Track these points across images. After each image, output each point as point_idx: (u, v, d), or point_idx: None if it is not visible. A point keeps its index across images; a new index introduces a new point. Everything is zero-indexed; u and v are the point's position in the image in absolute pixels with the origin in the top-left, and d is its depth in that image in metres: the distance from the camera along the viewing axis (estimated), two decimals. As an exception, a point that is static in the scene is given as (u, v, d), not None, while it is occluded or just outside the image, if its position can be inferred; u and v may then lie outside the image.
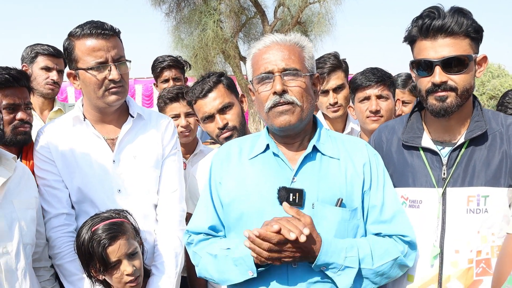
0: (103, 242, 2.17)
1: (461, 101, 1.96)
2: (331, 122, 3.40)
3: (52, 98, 3.70)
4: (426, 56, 1.94)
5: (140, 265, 2.28)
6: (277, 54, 1.93)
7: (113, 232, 2.19)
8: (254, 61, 2.00)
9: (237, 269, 1.90)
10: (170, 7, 18.38)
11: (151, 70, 4.38)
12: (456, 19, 1.89)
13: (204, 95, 2.67)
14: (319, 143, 2.00)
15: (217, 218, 2.10)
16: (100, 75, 2.36)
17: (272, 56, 1.93)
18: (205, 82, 2.69)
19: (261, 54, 1.97)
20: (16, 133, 2.48)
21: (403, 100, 3.71)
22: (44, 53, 3.56)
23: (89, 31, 2.34)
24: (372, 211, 1.99)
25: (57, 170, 2.47)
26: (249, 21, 19.15)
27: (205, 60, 17.68)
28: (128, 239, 2.23)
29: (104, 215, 2.29)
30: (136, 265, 2.24)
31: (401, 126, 2.20)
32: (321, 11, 18.18)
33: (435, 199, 2.01)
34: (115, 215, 2.30)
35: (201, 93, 2.68)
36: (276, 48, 1.95)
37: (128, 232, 2.25)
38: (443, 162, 2.03)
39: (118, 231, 2.21)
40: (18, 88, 2.47)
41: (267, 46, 1.97)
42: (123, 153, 2.50)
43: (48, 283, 2.42)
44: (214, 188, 2.12)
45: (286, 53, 1.93)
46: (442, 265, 1.98)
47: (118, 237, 2.20)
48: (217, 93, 2.67)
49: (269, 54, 1.94)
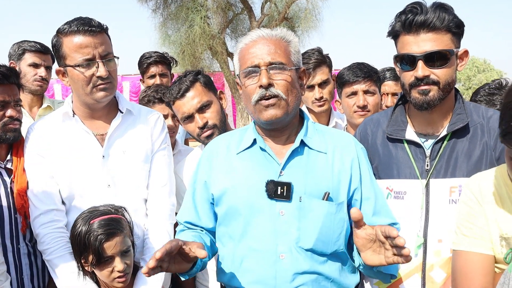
0: (101, 237, 2.19)
1: (443, 95, 2.01)
2: (316, 116, 3.44)
3: (41, 94, 3.71)
4: (409, 51, 1.99)
5: (131, 263, 2.31)
6: (263, 49, 1.95)
7: (111, 229, 2.22)
8: (241, 55, 2.02)
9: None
10: (157, 4, 18.25)
11: (137, 66, 4.39)
12: (438, 14, 1.94)
13: (182, 95, 2.66)
14: (307, 137, 2.03)
15: (195, 213, 2.16)
16: (87, 72, 2.37)
17: (259, 50, 1.96)
18: (182, 82, 2.68)
19: (248, 48, 1.99)
20: (6, 130, 2.48)
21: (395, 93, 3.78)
22: (32, 49, 3.57)
23: (76, 28, 2.35)
24: (367, 203, 2.02)
25: (47, 166, 2.48)
26: (236, 17, 19.11)
27: (193, 57, 17.60)
28: (124, 237, 2.26)
29: (102, 209, 2.31)
30: (127, 262, 2.27)
31: (385, 119, 2.25)
32: (308, 7, 18.22)
33: (419, 190, 2.07)
34: (114, 211, 2.32)
35: (179, 93, 2.67)
36: (263, 43, 1.97)
37: (125, 230, 2.28)
38: (427, 154, 2.08)
39: (116, 228, 2.24)
40: (7, 85, 2.47)
41: (253, 40, 1.99)
42: (112, 148, 2.51)
43: None
44: (199, 185, 2.15)
45: (272, 48, 1.96)
46: (425, 254, 2.04)
47: (116, 234, 2.22)
48: (195, 92, 2.66)
49: (256, 48, 1.97)
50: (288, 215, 1.94)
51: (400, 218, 2.07)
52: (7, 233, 2.44)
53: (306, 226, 1.93)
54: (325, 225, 1.94)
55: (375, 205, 2.03)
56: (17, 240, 2.49)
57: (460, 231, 1.85)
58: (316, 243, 1.92)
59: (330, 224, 1.95)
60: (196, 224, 2.16)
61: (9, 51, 3.64)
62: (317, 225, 1.93)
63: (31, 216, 2.45)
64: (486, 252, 1.76)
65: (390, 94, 3.80)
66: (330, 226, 1.95)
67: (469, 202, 1.84)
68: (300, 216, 1.93)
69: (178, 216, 2.25)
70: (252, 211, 1.96)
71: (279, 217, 1.94)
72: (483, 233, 1.77)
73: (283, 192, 1.92)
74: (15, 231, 2.48)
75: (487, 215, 1.77)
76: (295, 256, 1.92)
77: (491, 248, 1.76)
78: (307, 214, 1.93)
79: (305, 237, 1.92)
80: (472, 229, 1.80)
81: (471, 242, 1.80)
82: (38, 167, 2.49)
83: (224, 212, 2.05)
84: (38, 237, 2.43)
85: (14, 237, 2.48)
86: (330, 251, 1.95)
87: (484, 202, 1.79)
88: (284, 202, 1.93)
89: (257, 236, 1.96)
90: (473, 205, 1.82)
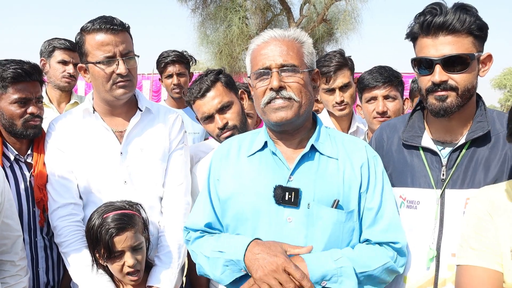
0: (111, 231, 2.22)
1: (462, 101, 1.90)
2: (337, 120, 3.37)
3: (69, 91, 3.80)
4: (426, 54, 1.90)
5: (142, 260, 2.33)
6: (275, 50, 1.90)
7: (122, 223, 2.24)
8: (253, 56, 1.98)
9: (229, 270, 1.89)
10: (196, 3, 18.50)
11: (156, 66, 4.39)
12: (458, 16, 1.83)
13: (202, 95, 2.63)
14: (318, 142, 1.97)
15: (214, 215, 2.09)
16: (108, 69, 2.41)
17: (270, 51, 1.91)
18: (203, 81, 2.64)
19: (260, 49, 1.94)
20: (27, 126, 2.54)
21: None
22: (61, 47, 3.66)
23: (98, 26, 2.40)
24: (368, 213, 1.95)
25: (66, 160, 2.53)
26: (274, 18, 19.10)
27: (230, 57, 17.72)
28: (135, 233, 2.28)
29: (117, 204, 2.34)
30: (138, 259, 2.29)
31: (402, 125, 2.16)
32: (347, 9, 18.00)
33: (433, 201, 1.97)
34: (128, 207, 2.34)
35: (199, 93, 2.63)
36: (274, 44, 1.92)
37: (137, 226, 2.30)
38: (443, 162, 1.98)
39: (127, 223, 2.26)
40: (30, 82, 2.53)
41: (265, 41, 1.94)
42: (130, 145, 2.54)
43: (11, 279, 2.27)
44: (213, 185, 2.11)
45: (284, 49, 1.90)
46: (438, 268, 1.93)
47: (126, 229, 2.25)
48: (216, 92, 2.62)
49: (267, 49, 1.92)
50: (296, 222, 1.88)
51: (412, 228, 1.99)
52: (25, 226, 2.51)
53: (314, 234, 1.87)
54: (334, 233, 1.88)
55: (375, 217, 1.94)
56: (34, 233, 2.55)
57: (468, 244, 1.75)
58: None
59: (339, 233, 1.89)
60: (215, 227, 2.09)
61: (40, 48, 3.75)
62: (325, 233, 1.87)
63: (50, 209, 2.51)
64: (495, 268, 1.66)
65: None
66: (339, 235, 1.89)
67: (478, 213, 1.74)
68: (308, 223, 1.87)
69: (192, 222, 2.14)
70: (258, 216, 1.91)
71: (286, 224, 1.89)
72: (493, 246, 1.67)
73: (291, 198, 1.86)
74: (33, 224, 2.54)
75: (498, 228, 1.67)
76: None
77: (500, 264, 1.66)
78: (316, 221, 1.87)
79: (312, 245, 1.86)
80: (481, 240, 1.70)
81: (479, 256, 1.69)
82: (58, 162, 2.55)
83: (231, 216, 2.01)
84: (55, 230, 2.48)
85: (32, 230, 2.54)
86: None
87: (495, 214, 1.69)
88: (292, 209, 1.88)
89: None
90: (483, 217, 1.72)
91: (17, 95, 2.48)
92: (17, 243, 2.29)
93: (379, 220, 1.95)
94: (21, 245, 2.33)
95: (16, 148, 2.58)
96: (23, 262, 2.34)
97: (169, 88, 4.33)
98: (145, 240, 2.37)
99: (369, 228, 1.94)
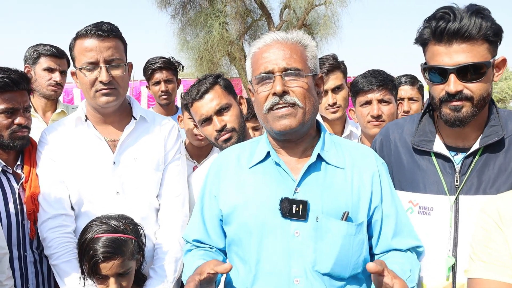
0: (97, 257, 2.11)
1: (477, 111, 1.81)
2: (330, 124, 3.33)
3: (55, 99, 3.67)
4: (440, 63, 1.78)
5: (128, 285, 2.22)
6: (278, 53, 1.81)
7: (110, 252, 2.12)
8: (254, 60, 1.88)
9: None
10: (175, 9, 18.39)
11: (142, 72, 4.30)
12: (474, 22, 1.71)
13: (201, 97, 2.56)
14: (324, 151, 1.87)
15: (204, 231, 2.03)
16: (90, 75, 2.36)
17: (273, 55, 1.81)
18: (201, 83, 2.59)
19: (261, 52, 1.84)
20: (14, 137, 2.44)
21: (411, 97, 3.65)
22: (47, 54, 3.53)
23: (85, 32, 2.36)
24: (387, 221, 1.89)
25: (58, 170, 2.46)
26: (254, 23, 19.09)
27: (211, 62, 17.65)
28: (123, 261, 2.16)
29: (113, 223, 2.20)
30: (123, 284, 2.18)
31: (410, 127, 2.08)
32: (326, 13, 18.09)
33: (446, 207, 1.91)
34: (123, 228, 2.21)
35: (197, 94, 2.57)
36: (277, 47, 1.82)
37: (127, 254, 2.17)
38: (456, 168, 1.90)
39: (116, 252, 2.13)
40: (17, 91, 2.43)
41: (267, 44, 1.84)
42: (123, 155, 2.48)
43: None
44: (207, 200, 2.03)
45: (288, 52, 1.81)
46: (455, 275, 1.89)
47: (113, 258, 2.13)
48: (214, 94, 2.56)
49: (270, 53, 1.82)
50: (304, 236, 1.80)
51: (425, 235, 1.94)
52: (14, 240, 2.40)
53: (323, 248, 1.79)
54: (344, 247, 1.80)
55: (396, 224, 1.89)
56: (23, 248, 2.45)
57: (477, 257, 1.68)
58: (334, 267, 1.78)
59: (349, 247, 1.81)
60: (205, 242, 2.04)
61: (24, 54, 3.61)
62: (335, 247, 1.79)
63: (39, 220, 2.42)
64: (506, 281, 1.59)
65: (406, 99, 3.70)
66: (349, 249, 1.81)
67: (486, 225, 1.68)
68: (316, 237, 1.79)
69: (185, 234, 2.13)
70: (264, 231, 1.82)
71: (293, 238, 1.80)
72: (503, 258, 1.61)
73: (298, 211, 1.78)
74: (22, 238, 2.44)
75: (508, 239, 1.61)
76: (311, 280, 1.78)
77: (511, 276, 1.60)
78: (325, 235, 1.79)
79: (322, 260, 1.78)
80: (491, 254, 1.64)
81: (489, 269, 1.63)
82: (49, 172, 2.47)
83: (234, 231, 1.92)
84: (45, 241, 2.40)
85: (21, 245, 2.44)
86: (349, 275, 1.81)
87: (504, 225, 1.63)
88: (299, 222, 1.79)
89: (269, 258, 1.81)
90: (491, 229, 1.66)
91: (4, 105, 2.38)
92: (3, 261, 2.17)
93: (401, 227, 1.90)
94: (7, 263, 2.21)
95: (3, 159, 2.47)
96: (10, 281, 2.23)
97: (156, 95, 4.24)
98: (140, 258, 2.27)
99: (396, 238, 1.89)
